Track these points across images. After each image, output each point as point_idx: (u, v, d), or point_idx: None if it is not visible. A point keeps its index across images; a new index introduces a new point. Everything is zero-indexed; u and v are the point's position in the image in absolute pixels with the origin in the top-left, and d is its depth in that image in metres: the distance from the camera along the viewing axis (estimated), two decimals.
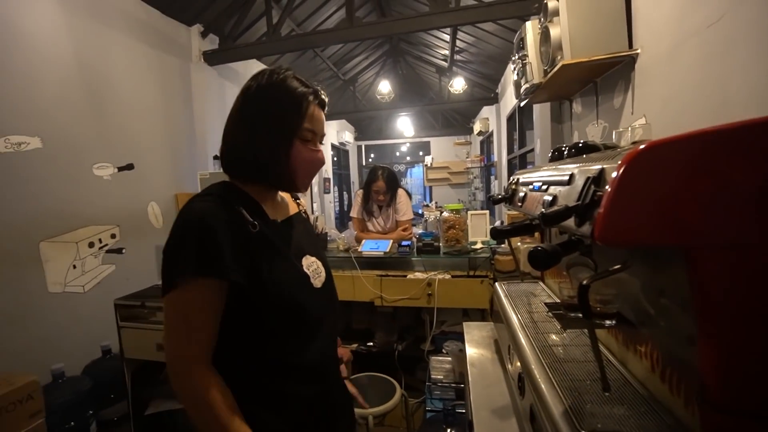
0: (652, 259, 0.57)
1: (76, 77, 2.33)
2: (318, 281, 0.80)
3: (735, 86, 1.05)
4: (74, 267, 2.26)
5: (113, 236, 2.53)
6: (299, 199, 0.95)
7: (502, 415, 0.87)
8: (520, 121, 4.50)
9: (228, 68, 3.73)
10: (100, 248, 2.44)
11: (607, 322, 0.65)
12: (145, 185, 2.82)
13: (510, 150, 5.07)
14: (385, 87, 5.62)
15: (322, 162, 0.80)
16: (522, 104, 2.48)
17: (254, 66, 4.29)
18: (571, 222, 0.50)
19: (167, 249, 0.67)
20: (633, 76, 1.58)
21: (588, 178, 0.49)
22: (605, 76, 1.84)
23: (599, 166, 0.49)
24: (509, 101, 4.71)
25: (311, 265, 0.80)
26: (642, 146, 0.42)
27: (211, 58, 3.43)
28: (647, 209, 0.41)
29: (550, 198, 0.64)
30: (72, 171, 2.27)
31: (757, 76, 0.97)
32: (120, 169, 2.61)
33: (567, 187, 0.59)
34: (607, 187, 0.43)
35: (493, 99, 5.74)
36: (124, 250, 2.60)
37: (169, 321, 0.66)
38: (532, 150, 3.53)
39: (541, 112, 2.86)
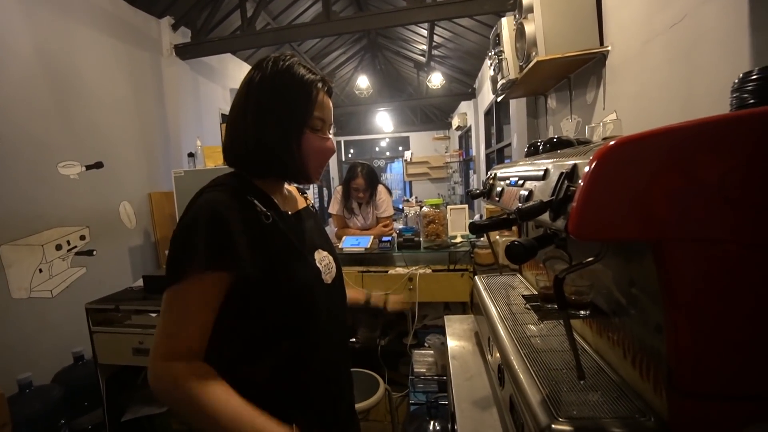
0: (622, 250, 0.59)
1: (37, 71, 2.20)
2: (329, 277, 0.77)
3: (699, 83, 1.10)
4: (40, 271, 2.16)
5: (82, 238, 2.42)
6: (306, 193, 0.93)
7: (483, 405, 0.89)
8: (497, 116, 4.57)
9: (201, 62, 3.62)
10: (69, 251, 2.33)
11: (582, 312, 0.67)
12: (116, 184, 2.71)
13: (488, 144, 5.14)
14: (363, 82, 5.60)
15: (332, 151, 0.77)
16: (499, 99, 2.52)
17: (229, 60, 4.18)
18: (546, 216, 0.52)
19: (175, 240, 0.63)
20: (604, 72, 1.63)
21: (562, 173, 0.50)
22: (578, 73, 1.89)
23: (572, 162, 0.50)
24: (486, 96, 4.77)
25: (323, 259, 0.77)
26: (612, 142, 0.43)
27: (183, 51, 3.31)
28: (618, 204, 0.42)
29: (526, 193, 0.65)
30: (35, 170, 2.16)
31: (719, 73, 1.02)
32: (88, 167, 2.49)
33: (542, 182, 0.60)
34: (579, 182, 0.45)
35: (471, 94, 5.80)
36: (95, 252, 2.49)
37: (166, 315, 0.61)
38: (510, 144, 3.60)
39: (517, 107, 2.91)
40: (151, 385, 0.60)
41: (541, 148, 0.90)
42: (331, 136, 0.78)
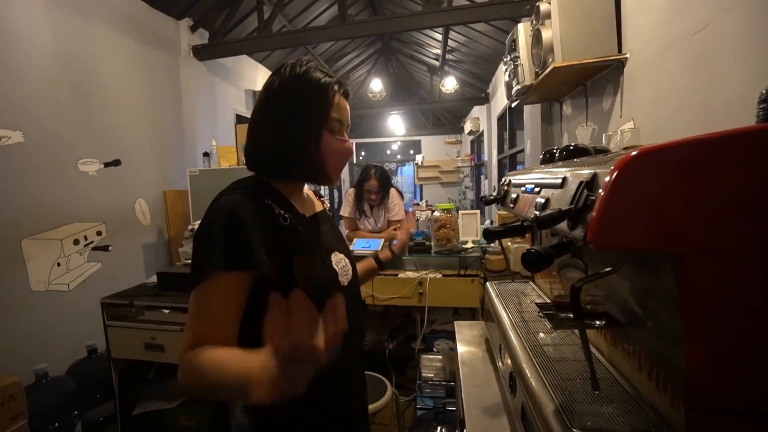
0: (640, 261, 0.59)
1: (59, 71, 2.27)
2: (345, 279, 0.79)
3: (719, 92, 1.08)
4: (58, 265, 2.21)
5: (99, 233, 2.48)
6: (323, 197, 0.95)
7: (493, 413, 0.88)
8: (510, 121, 4.55)
9: (218, 64, 3.69)
10: (86, 246, 2.39)
11: (597, 322, 0.67)
12: (133, 182, 2.77)
13: (500, 150, 5.11)
14: (376, 85, 5.62)
15: (350, 152, 0.79)
16: (513, 105, 2.50)
17: (245, 62, 4.24)
18: (563, 225, 0.51)
19: (196, 243, 0.66)
20: (622, 80, 1.61)
21: (581, 182, 0.50)
22: (595, 80, 1.87)
23: (592, 171, 0.50)
24: (500, 101, 4.75)
25: (339, 261, 0.79)
26: (634, 152, 0.43)
27: (201, 53, 3.37)
28: (638, 214, 0.42)
29: (542, 200, 0.65)
30: (56, 166, 2.22)
31: (739, 83, 1.00)
32: (106, 164, 2.55)
33: (560, 190, 0.60)
34: (600, 191, 0.44)
35: (484, 99, 5.78)
36: (110, 248, 2.55)
37: (192, 314, 0.63)
38: (522, 150, 3.57)
39: (531, 113, 2.89)
40: (179, 381, 0.60)
41: (557, 155, 0.89)
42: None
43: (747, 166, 0.42)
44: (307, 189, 0.87)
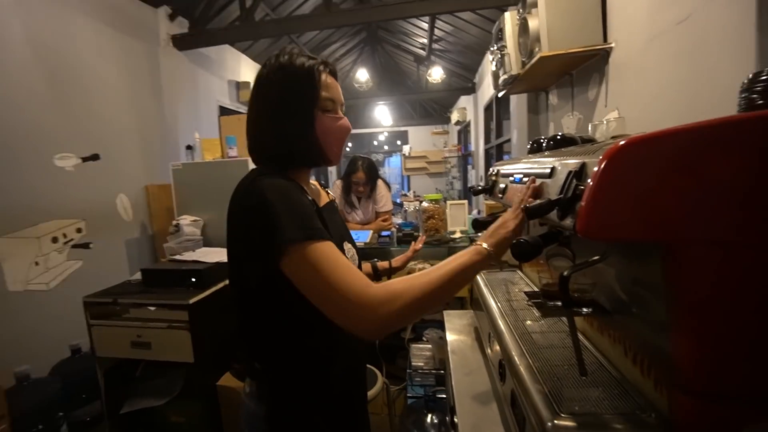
0: (627, 250, 0.59)
1: (31, 61, 2.17)
2: None
3: (703, 83, 1.09)
4: (36, 264, 2.14)
5: (79, 230, 2.40)
6: (328, 188, 0.97)
7: (483, 400, 0.90)
8: (497, 111, 4.56)
9: (199, 54, 3.58)
10: (65, 243, 2.31)
11: (584, 309, 0.68)
12: (113, 176, 2.68)
13: (487, 140, 5.13)
14: (362, 75, 5.55)
15: (347, 128, 0.79)
16: (500, 95, 2.51)
17: (228, 52, 4.13)
18: (553, 215, 0.52)
19: (273, 211, 0.61)
20: (607, 69, 1.63)
21: (570, 172, 0.50)
22: (580, 69, 1.89)
23: (580, 161, 0.50)
24: (486, 91, 4.76)
25: (349, 251, 0.81)
26: (623, 141, 0.43)
27: (181, 42, 3.27)
28: (628, 204, 0.42)
29: None
30: (30, 162, 2.13)
31: (724, 72, 1.02)
32: (84, 159, 2.47)
33: (548, 180, 0.60)
34: (588, 181, 0.45)
35: (471, 89, 5.78)
36: (91, 245, 2.48)
37: (326, 268, 0.59)
38: (509, 140, 3.59)
39: (518, 102, 2.90)
40: (368, 328, 0.58)
41: (544, 145, 0.90)
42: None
43: (734, 154, 0.42)
44: (313, 180, 0.88)
